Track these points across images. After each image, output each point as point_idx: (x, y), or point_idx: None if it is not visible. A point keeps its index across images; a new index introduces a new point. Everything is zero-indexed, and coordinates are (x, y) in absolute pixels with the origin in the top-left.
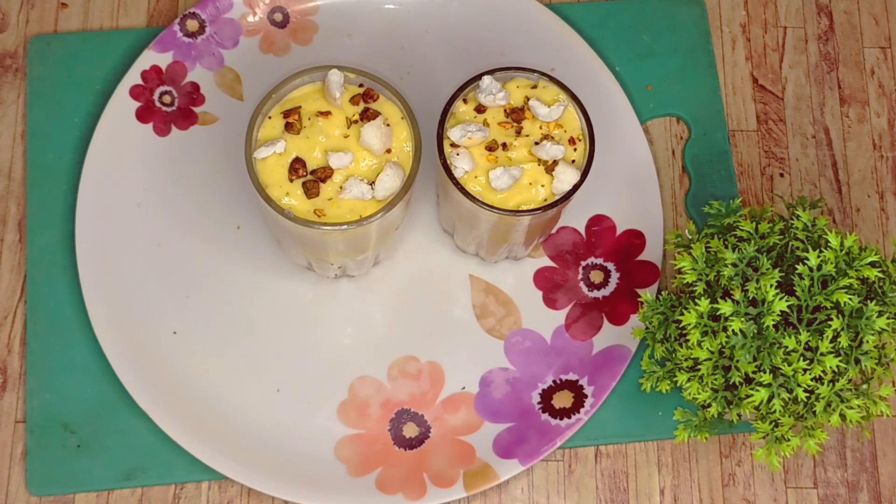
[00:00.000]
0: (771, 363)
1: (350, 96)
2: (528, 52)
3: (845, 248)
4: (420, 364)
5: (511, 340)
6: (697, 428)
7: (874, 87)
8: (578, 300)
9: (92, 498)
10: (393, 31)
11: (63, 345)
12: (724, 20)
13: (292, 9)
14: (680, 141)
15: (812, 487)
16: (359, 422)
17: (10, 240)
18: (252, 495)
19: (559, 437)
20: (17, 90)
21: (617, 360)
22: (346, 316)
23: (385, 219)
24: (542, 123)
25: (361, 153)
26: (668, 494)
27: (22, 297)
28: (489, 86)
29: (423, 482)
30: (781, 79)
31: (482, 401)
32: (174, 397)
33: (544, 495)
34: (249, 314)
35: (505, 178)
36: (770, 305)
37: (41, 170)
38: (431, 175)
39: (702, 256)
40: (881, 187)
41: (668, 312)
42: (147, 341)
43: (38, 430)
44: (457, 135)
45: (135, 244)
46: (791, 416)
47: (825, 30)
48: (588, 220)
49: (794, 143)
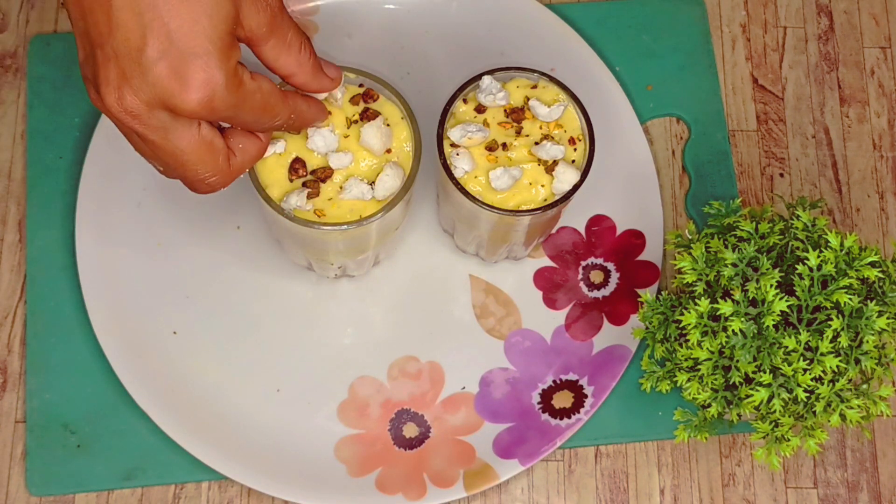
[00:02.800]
0: (771, 363)
1: (350, 96)
2: (528, 52)
3: (845, 248)
4: (420, 364)
5: (511, 340)
6: (697, 428)
7: (874, 87)
8: (578, 300)
9: (92, 498)
10: (393, 31)
11: (63, 345)
12: (724, 20)
13: (292, 9)
14: (680, 141)
15: (812, 487)
16: (359, 422)
17: (10, 240)
18: (252, 495)
19: (559, 437)
20: (17, 90)
21: (617, 360)
22: (346, 316)
23: (385, 219)
24: (542, 123)
25: (361, 153)
26: (668, 494)
27: (22, 297)
28: (489, 86)
29: (423, 482)
30: (781, 79)
31: (482, 401)
32: (174, 397)
33: (544, 495)
34: (249, 314)
35: (505, 178)
36: (770, 305)
37: (41, 170)
38: (431, 175)
39: (702, 256)
40: (881, 187)
41: (668, 312)
42: (147, 341)
43: (38, 430)
44: (457, 135)
45: (135, 244)
46: (791, 416)
47: (825, 30)
48: (588, 220)
49: (794, 143)
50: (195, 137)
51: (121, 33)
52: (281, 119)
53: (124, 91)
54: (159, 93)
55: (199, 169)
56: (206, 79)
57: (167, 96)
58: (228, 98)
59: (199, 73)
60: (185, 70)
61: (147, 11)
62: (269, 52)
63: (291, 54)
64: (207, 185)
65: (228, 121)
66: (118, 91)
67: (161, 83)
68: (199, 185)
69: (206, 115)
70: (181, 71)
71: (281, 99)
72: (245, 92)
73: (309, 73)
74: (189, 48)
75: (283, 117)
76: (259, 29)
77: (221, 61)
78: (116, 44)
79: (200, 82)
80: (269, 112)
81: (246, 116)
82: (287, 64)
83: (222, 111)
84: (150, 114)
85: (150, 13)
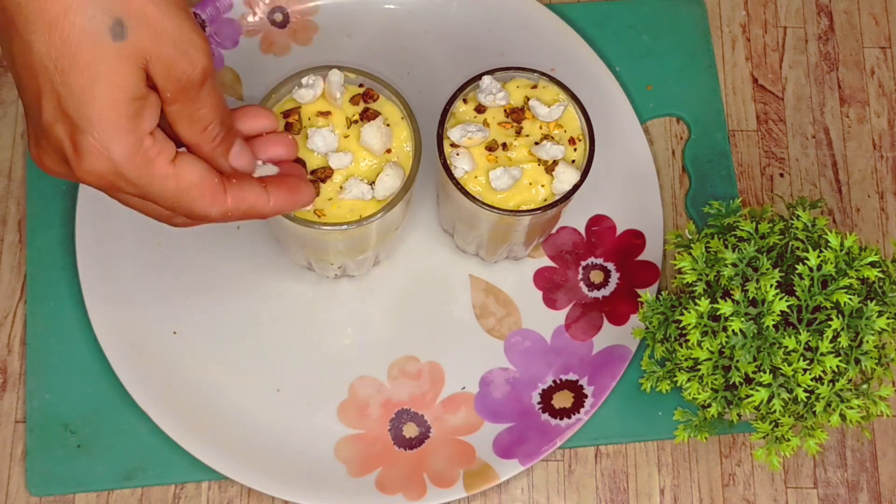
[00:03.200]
0: (771, 363)
1: (350, 96)
2: (528, 52)
3: (845, 248)
4: (420, 364)
5: (511, 340)
6: (697, 428)
7: (874, 87)
8: (578, 300)
9: (92, 498)
10: (393, 31)
11: (63, 345)
12: (724, 20)
13: (292, 9)
14: (680, 141)
15: (812, 487)
16: (359, 422)
17: (10, 240)
18: (252, 495)
19: (559, 437)
20: (17, 90)
21: (617, 360)
22: (346, 316)
23: (385, 219)
24: (542, 123)
25: (361, 153)
26: (668, 494)
27: (22, 297)
28: (489, 86)
29: (423, 482)
30: (781, 79)
31: (482, 401)
32: (174, 397)
33: (544, 495)
34: (249, 314)
35: (505, 178)
36: (770, 305)
37: (41, 170)
38: (431, 175)
39: (702, 256)
40: (881, 187)
41: (668, 312)
42: (147, 341)
43: (38, 430)
44: (457, 135)
45: (135, 244)
46: (791, 416)
47: (825, 30)
48: (588, 220)
49: (794, 143)
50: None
51: (25, 94)
52: (216, 212)
53: (39, 151)
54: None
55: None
56: (98, 151)
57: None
58: (131, 175)
59: (91, 145)
60: (77, 140)
61: (40, 73)
62: (171, 115)
63: (192, 129)
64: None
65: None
66: (36, 149)
67: (60, 148)
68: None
69: (106, 188)
70: (74, 139)
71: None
72: (154, 173)
73: (210, 149)
74: (80, 116)
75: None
76: (164, 92)
77: (117, 133)
78: (24, 103)
79: (93, 154)
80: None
81: (162, 202)
82: (186, 135)
83: (125, 188)
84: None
85: (42, 76)
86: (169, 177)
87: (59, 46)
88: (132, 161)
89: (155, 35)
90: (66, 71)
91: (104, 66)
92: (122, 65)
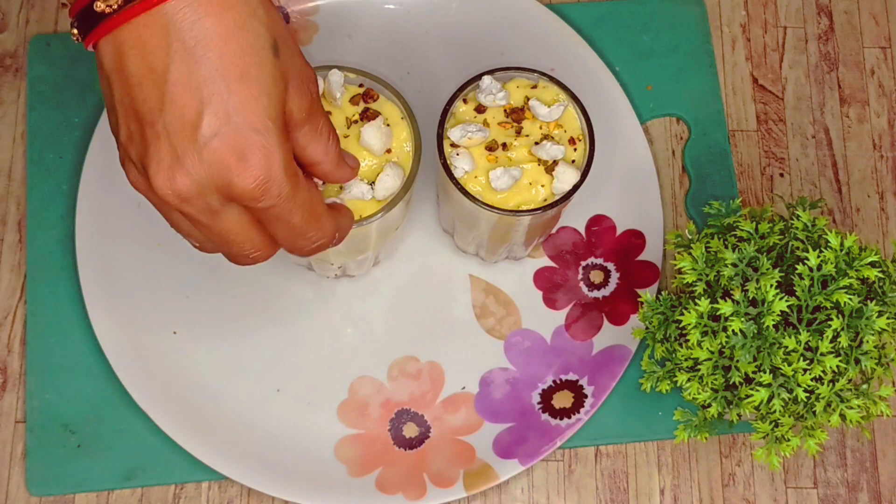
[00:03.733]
0: (771, 363)
1: (350, 96)
2: (528, 52)
3: (845, 248)
4: (420, 364)
5: (511, 340)
6: (697, 428)
7: (874, 87)
8: (578, 300)
9: (92, 498)
10: (393, 31)
11: (63, 345)
12: (724, 20)
13: (292, 9)
14: (680, 141)
15: (812, 487)
16: (359, 422)
17: (10, 240)
18: (252, 495)
19: (559, 437)
20: (17, 90)
21: (617, 360)
22: (346, 316)
23: (385, 219)
24: (542, 123)
25: (361, 153)
26: (668, 494)
27: (22, 297)
28: (489, 86)
29: (423, 482)
30: (781, 79)
31: (482, 401)
32: (174, 397)
33: (544, 495)
34: (249, 314)
35: (505, 178)
36: (770, 305)
37: (41, 170)
38: (431, 175)
39: (702, 256)
40: (881, 187)
41: (668, 312)
42: (147, 341)
43: (38, 430)
44: (457, 135)
45: (135, 244)
46: (791, 416)
47: (825, 30)
48: (588, 220)
49: (794, 143)
50: (245, 217)
51: (174, 109)
52: (325, 233)
53: (176, 172)
54: (214, 172)
55: (246, 246)
56: (264, 157)
57: (222, 174)
58: (283, 184)
59: (259, 150)
60: (243, 146)
61: (205, 87)
62: (301, 139)
63: (321, 143)
64: (251, 259)
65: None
66: (170, 171)
67: (217, 160)
68: (242, 259)
69: (258, 197)
70: (240, 146)
71: (326, 209)
72: (299, 184)
73: (333, 162)
74: (249, 124)
75: (327, 231)
76: (299, 114)
77: (281, 140)
78: (168, 120)
79: (259, 159)
80: (316, 220)
81: (294, 215)
82: (315, 152)
83: (274, 197)
84: (200, 196)
85: (208, 88)
86: (307, 188)
87: (232, 59)
88: (289, 169)
89: (291, 57)
90: (237, 82)
91: (269, 78)
92: (280, 80)
